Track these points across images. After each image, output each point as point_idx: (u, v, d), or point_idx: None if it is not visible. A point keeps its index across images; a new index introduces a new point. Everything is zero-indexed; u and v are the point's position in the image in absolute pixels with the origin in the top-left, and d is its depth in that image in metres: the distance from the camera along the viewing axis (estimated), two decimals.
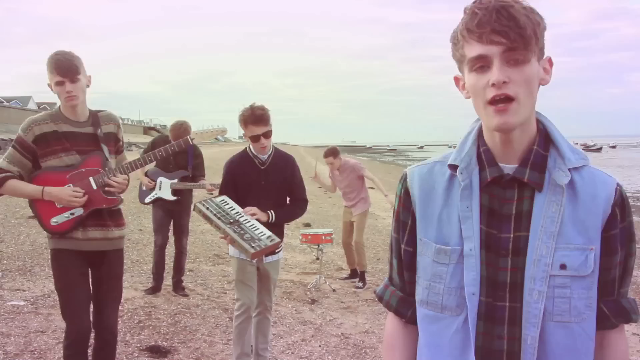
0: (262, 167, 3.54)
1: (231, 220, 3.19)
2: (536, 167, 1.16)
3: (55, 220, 2.80)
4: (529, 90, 1.10)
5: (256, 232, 3.17)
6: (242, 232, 3.15)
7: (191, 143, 3.23)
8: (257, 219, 3.30)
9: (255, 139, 3.43)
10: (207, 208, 3.22)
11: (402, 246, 1.30)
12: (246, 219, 3.25)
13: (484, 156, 1.20)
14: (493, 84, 1.08)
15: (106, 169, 2.87)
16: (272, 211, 3.46)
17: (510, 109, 1.09)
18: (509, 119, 1.09)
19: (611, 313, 1.19)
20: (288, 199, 3.67)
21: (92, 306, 2.97)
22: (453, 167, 1.22)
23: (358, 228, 6.53)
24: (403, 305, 1.33)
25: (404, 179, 1.30)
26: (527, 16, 1.07)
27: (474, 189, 1.19)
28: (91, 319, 2.92)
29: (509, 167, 1.17)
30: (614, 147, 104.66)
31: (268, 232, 3.19)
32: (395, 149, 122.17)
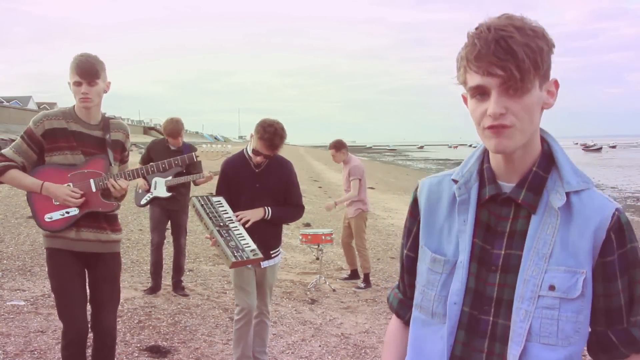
0: (257, 170, 3.54)
1: (221, 224, 3.21)
2: (532, 189, 1.16)
3: (49, 217, 2.82)
4: (528, 118, 1.10)
5: (242, 242, 3.19)
6: (228, 238, 3.17)
7: (195, 160, 3.21)
8: (250, 219, 3.37)
9: (257, 154, 3.47)
10: (202, 205, 3.24)
11: (405, 251, 1.36)
12: (235, 226, 3.27)
13: (485, 173, 1.22)
14: (490, 115, 1.09)
15: (108, 173, 2.88)
16: (268, 207, 3.49)
17: (506, 132, 1.09)
18: (505, 143, 1.10)
19: (620, 342, 1.16)
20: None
21: (90, 308, 2.97)
22: (456, 182, 1.25)
23: (356, 232, 6.51)
24: (402, 307, 1.40)
25: (415, 189, 1.35)
26: (528, 45, 1.05)
27: (471, 204, 1.21)
28: (89, 320, 2.92)
29: (507, 186, 1.19)
30: (614, 147, 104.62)
31: (253, 246, 3.21)
32: (395, 149, 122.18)
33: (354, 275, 6.73)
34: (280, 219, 3.64)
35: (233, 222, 3.27)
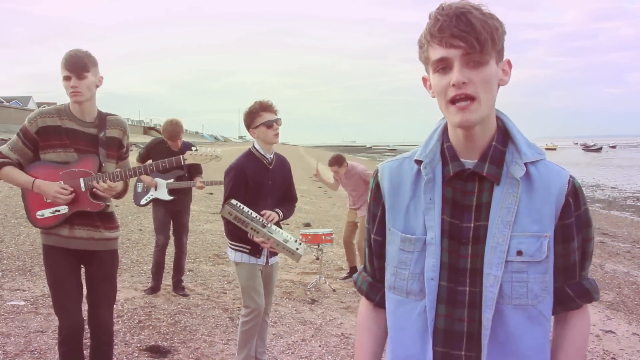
0: (270, 167, 3.57)
1: (263, 225, 3.21)
2: (494, 162, 1.24)
3: (40, 214, 2.85)
4: (487, 89, 1.18)
5: (285, 235, 3.22)
6: (278, 236, 3.19)
7: (183, 163, 3.17)
8: (275, 218, 3.41)
9: (269, 124, 3.49)
10: (236, 210, 3.21)
11: (372, 236, 1.40)
12: (268, 224, 3.30)
13: (447, 152, 1.28)
14: (454, 85, 1.16)
15: (98, 173, 2.87)
16: (279, 210, 3.54)
17: (471, 108, 1.17)
18: (469, 117, 1.18)
19: (576, 295, 1.28)
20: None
21: (87, 305, 2.97)
22: (419, 162, 1.31)
23: (362, 230, 6.53)
24: (371, 290, 1.44)
25: (375, 174, 1.40)
26: (485, 22, 1.15)
27: (436, 182, 1.27)
28: (85, 317, 2.93)
29: (469, 162, 1.26)
30: (614, 147, 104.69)
31: (292, 236, 3.29)
32: (395, 149, 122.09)
33: (352, 272, 6.74)
34: (286, 218, 3.67)
35: (264, 220, 3.30)
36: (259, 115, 3.49)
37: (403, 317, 1.31)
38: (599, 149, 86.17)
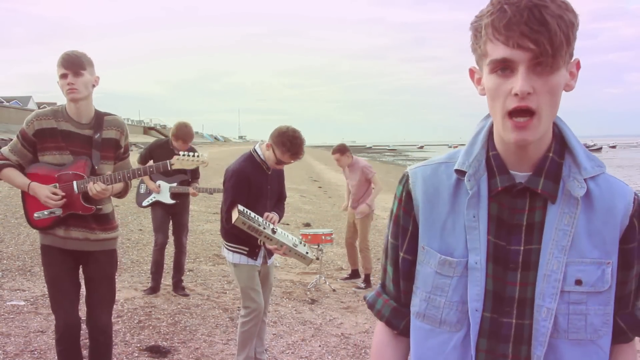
0: (269, 172, 3.64)
1: (273, 230, 3.25)
2: (550, 177, 1.07)
3: (37, 215, 2.87)
4: (553, 101, 1.00)
5: (290, 238, 3.26)
6: (286, 241, 3.23)
7: (170, 169, 3.10)
8: (276, 221, 3.50)
9: (281, 164, 3.56)
10: (249, 219, 3.25)
11: (401, 254, 1.21)
12: (274, 227, 3.36)
13: (493, 162, 1.10)
14: (516, 94, 0.97)
15: (90, 175, 2.85)
16: (275, 212, 3.61)
17: (530, 126, 0.99)
18: (527, 136, 1.00)
19: (628, 327, 1.12)
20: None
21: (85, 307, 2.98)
22: (460, 173, 1.12)
23: (362, 231, 6.53)
24: (396, 316, 1.24)
25: (405, 180, 1.19)
26: (561, 17, 0.95)
27: (482, 197, 1.09)
28: (83, 317, 2.93)
29: (521, 175, 1.08)
30: (614, 147, 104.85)
31: (297, 238, 3.36)
32: (395, 149, 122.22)
33: (354, 274, 6.74)
34: (280, 219, 3.72)
35: (271, 225, 3.37)
36: (285, 152, 3.47)
37: (433, 349, 1.13)
38: (599, 149, 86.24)
